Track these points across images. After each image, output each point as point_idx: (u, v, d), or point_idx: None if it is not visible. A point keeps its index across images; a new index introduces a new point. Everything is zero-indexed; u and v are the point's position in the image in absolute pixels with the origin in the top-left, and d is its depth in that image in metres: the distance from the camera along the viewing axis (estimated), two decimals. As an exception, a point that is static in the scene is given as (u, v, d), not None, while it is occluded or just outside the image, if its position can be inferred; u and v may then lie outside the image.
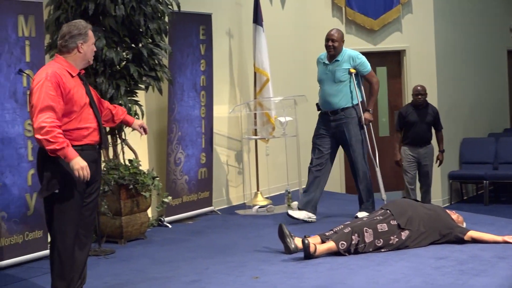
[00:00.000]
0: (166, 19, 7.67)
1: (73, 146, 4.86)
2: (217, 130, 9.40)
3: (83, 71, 5.17)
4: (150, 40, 7.44)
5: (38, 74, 4.96)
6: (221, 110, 9.52)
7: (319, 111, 8.20)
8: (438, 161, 10.45)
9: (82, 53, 5.06)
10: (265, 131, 9.52)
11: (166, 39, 7.83)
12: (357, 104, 7.96)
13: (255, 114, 9.49)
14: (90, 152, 5.03)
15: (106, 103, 5.50)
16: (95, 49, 5.21)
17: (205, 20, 8.70)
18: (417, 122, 10.02)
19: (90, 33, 5.12)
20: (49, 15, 7.19)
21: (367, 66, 8.09)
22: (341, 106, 7.92)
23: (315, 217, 8.03)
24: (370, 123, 8.11)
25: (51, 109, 4.76)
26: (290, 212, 7.98)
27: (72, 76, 4.99)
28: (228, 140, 9.81)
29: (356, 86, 7.96)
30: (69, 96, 4.89)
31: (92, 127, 5.04)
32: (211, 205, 8.95)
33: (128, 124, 5.73)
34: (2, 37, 6.26)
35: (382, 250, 6.37)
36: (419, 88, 10.10)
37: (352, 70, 7.95)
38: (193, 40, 8.50)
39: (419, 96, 10.02)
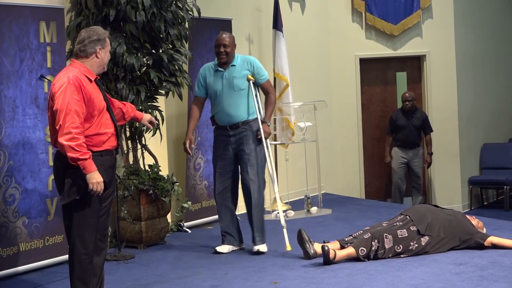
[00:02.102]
0: (187, 25, 7.70)
1: (93, 152, 4.90)
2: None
3: (98, 76, 5.20)
4: (171, 46, 7.48)
5: (58, 78, 4.98)
6: (240, 116, 9.51)
7: (214, 126, 7.11)
8: (427, 163, 11.33)
9: (99, 58, 5.09)
10: (284, 137, 9.52)
11: (186, 45, 7.86)
12: (257, 117, 6.90)
13: (274, 119, 9.49)
14: (109, 158, 5.07)
15: (116, 102, 5.50)
16: (109, 56, 5.24)
17: (225, 25, 8.72)
18: (406, 126, 11.07)
19: (108, 40, 5.16)
20: (70, 21, 7.24)
21: (265, 72, 7.06)
22: (243, 118, 6.87)
23: (243, 245, 7.12)
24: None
25: (76, 113, 4.80)
26: (217, 248, 6.99)
27: (90, 81, 5.02)
28: (248, 146, 9.80)
29: (254, 95, 6.91)
30: (90, 101, 4.92)
31: (110, 132, 5.07)
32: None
33: (138, 121, 5.74)
34: (24, 43, 6.32)
35: (402, 256, 6.36)
36: (407, 95, 11.16)
37: (250, 77, 6.89)
38: (213, 46, 8.50)
39: (407, 103, 11.07)
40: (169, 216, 7.76)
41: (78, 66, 5.04)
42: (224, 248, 6.97)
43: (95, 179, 4.82)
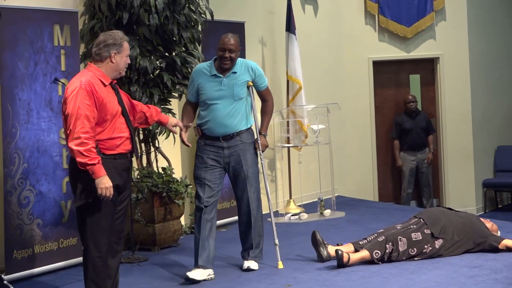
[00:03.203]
0: (199, 27, 7.72)
1: (106, 155, 4.92)
2: (250, 138, 9.41)
3: (115, 80, 5.19)
4: (184, 49, 7.49)
5: (71, 82, 5.00)
6: (254, 118, 9.53)
7: (200, 136, 6.36)
8: (429, 159, 11.42)
9: (114, 63, 5.07)
10: (297, 139, 9.52)
11: (199, 48, 7.88)
12: (250, 127, 6.41)
13: (287, 122, 9.50)
14: (123, 161, 5.06)
15: (140, 106, 5.48)
16: (129, 61, 5.20)
17: (238, 28, 8.73)
18: (413, 129, 11.24)
19: (126, 45, 5.13)
20: (84, 25, 7.27)
21: (265, 79, 6.50)
22: (238, 129, 6.25)
23: (213, 272, 6.21)
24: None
25: (86, 118, 4.80)
26: (190, 274, 6.06)
27: (105, 85, 5.02)
28: (261, 148, 9.81)
29: (252, 103, 6.41)
30: (102, 105, 4.91)
31: (124, 136, 5.06)
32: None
33: (163, 124, 5.71)
34: (38, 46, 6.35)
35: (416, 258, 6.35)
36: (410, 97, 11.36)
37: (251, 84, 6.34)
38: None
39: (411, 104, 11.28)
40: (182, 219, 7.78)
41: (93, 70, 5.05)
42: (199, 274, 6.07)
43: (104, 184, 4.81)
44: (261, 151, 6.41)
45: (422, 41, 11.74)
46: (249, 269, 6.34)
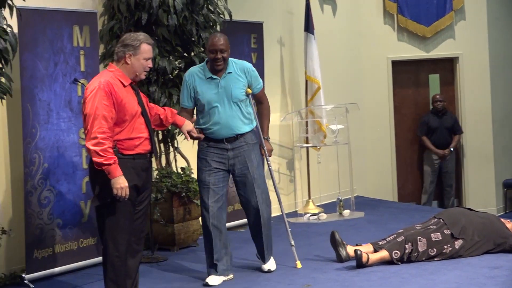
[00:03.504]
0: (218, 28, 7.72)
1: (124, 155, 4.93)
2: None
3: (134, 82, 5.19)
4: (202, 49, 7.49)
5: (91, 83, 5.03)
6: (272, 118, 9.43)
7: (200, 140, 6.13)
8: (444, 153, 11.29)
9: (129, 64, 5.07)
10: (316, 139, 9.51)
11: (218, 48, 7.88)
12: (254, 128, 6.25)
13: (306, 122, 9.49)
14: (142, 161, 5.08)
15: (154, 109, 5.48)
16: (149, 65, 5.17)
17: (256, 28, 8.74)
18: (438, 128, 11.22)
19: (144, 48, 5.11)
20: (103, 25, 7.30)
21: (260, 81, 6.31)
22: (242, 130, 6.11)
23: (232, 275, 6.21)
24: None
25: (104, 118, 4.82)
26: (208, 281, 6.03)
27: (124, 86, 5.03)
28: (280, 148, 9.82)
29: (252, 106, 6.24)
30: (121, 106, 4.93)
31: (143, 136, 5.07)
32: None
33: (178, 127, 5.72)
34: (57, 47, 6.39)
35: (436, 259, 6.32)
36: (437, 96, 11.32)
37: (249, 91, 6.14)
38: (245, 49, 8.54)
39: (438, 103, 11.24)
40: (201, 219, 7.77)
41: (114, 70, 5.07)
42: (215, 280, 6.05)
43: (119, 184, 4.83)
44: (267, 156, 6.28)
45: (442, 40, 11.69)
46: (269, 271, 6.29)
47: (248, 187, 6.15)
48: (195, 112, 6.25)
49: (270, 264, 6.35)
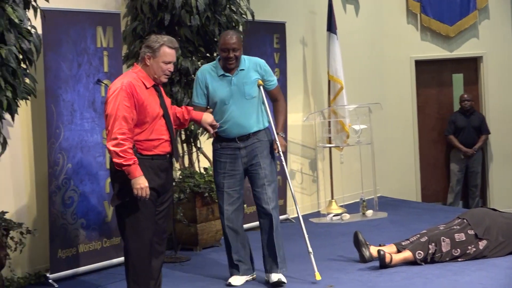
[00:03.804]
0: (240, 28, 7.73)
1: (143, 155, 4.95)
2: (291, 138, 9.41)
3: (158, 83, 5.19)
4: (225, 49, 7.51)
5: (114, 83, 5.06)
6: (295, 118, 9.54)
7: (214, 139, 6.09)
8: (468, 152, 11.22)
9: (148, 66, 5.07)
10: (339, 139, 9.49)
11: (241, 48, 7.88)
12: (267, 127, 6.07)
13: (329, 122, 9.47)
14: (160, 162, 5.08)
15: (173, 109, 5.45)
16: (169, 69, 5.13)
17: (279, 28, 8.73)
18: (465, 127, 11.18)
19: (164, 51, 5.07)
20: (126, 26, 7.33)
21: (274, 77, 6.16)
22: (254, 129, 5.94)
23: (255, 273, 6.18)
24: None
25: (124, 119, 4.85)
26: (231, 281, 6.04)
27: (147, 87, 5.04)
28: (302, 148, 9.81)
29: (264, 101, 6.04)
30: (142, 107, 4.94)
31: (163, 138, 5.08)
32: (285, 213, 8.97)
33: (197, 122, 5.65)
34: (81, 48, 6.42)
35: (459, 259, 6.29)
36: (465, 95, 11.29)
37: (261, 82, 5.96)
38: (267, 49, 8.54)
39: (466, 102, 11.20)
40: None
41: (137, 71, 5.09)
42: (238, 280, 6.04)
43: (139, 184, 4.85)
44: (281, 152, 5.98)
45: (465, 40, 11.63)
46: (280, 283, 5.89)
47: (258, 182, 5.94)
48: None
49: (282, 275, 5.95)
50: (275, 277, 5.90)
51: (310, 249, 5.93)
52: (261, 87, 5.98)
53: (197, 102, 5.96)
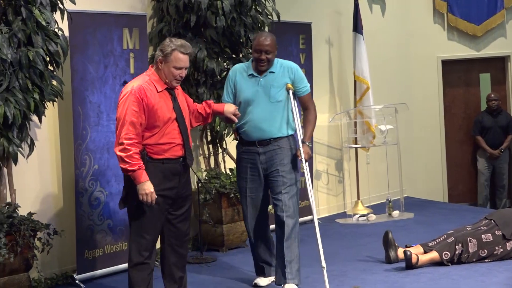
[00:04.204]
0: (266, 29, 7.74)
1: (153, 159, 4.92)
2: (317, 138, 9.40)
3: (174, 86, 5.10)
4: (250, 50, 7.51)
5: (126, 86, 5.05)
6: (321, 119, 9.45)
7: (238, 142, 5.99)
8: (493, 154, 11.12)
9: (160, 69, 5.01)
10: (365, 140, 9.47)
11: (266, 49, 7.89)
12: (293, 134, 5.83)
13: (355, 122, 9.45)
14: (171, 165, 5.03)
15: (195, 108, 5.42)
16: (182, 74, 5.02)
17: (304, 29, 8.73)
18: (492, 127, 11.07)
19: (176, 56, 4.96)
20: (152, 28, 7.38)
21: (307, 84, 5.89)
22: (276, 135, 5.73)
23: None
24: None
25: (132, 124, 4.82)
26: (257, 282, 6.03)
27: (158, 91, 4.98)
28: (328, 149, 9.79)
29: (293, 108, 5.76)
30: (153, 111, 4.90)
31: (175, 142, 5.02)
32: (311, 214, 8.94)
33: (220, 114, 5.55)
34: (107, 49, 6.46)
35: (486, 260, 6.25)
36: (492, 95, 11.14)
37: (290, 86, 5.74)
38: (293, 49, 8.54)
39: (493, 102, 11.05)
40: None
41: (151, 74, 5.06)
42: (264, 281, 6.03)
43: (144, 190, 4.83)
44: (304, 161, 5.64)
45: (493, 39, 11.55)
46: None
47: (276, 189, 5.74)
48: None
49: (292, 286, 5.69)
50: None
51: (324, 264, 5.53)
52: (291, 93, 5.73)
53: (226, 100, 5.85)
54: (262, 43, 5.69)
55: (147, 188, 4.83)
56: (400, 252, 6.36)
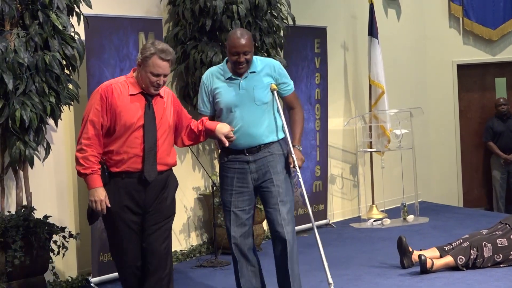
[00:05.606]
0: (281, 33, 7.75)
1: (113, 173, 4.60)
2: (332, 143, 9.40)
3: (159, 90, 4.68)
4: (266, 54, 7.53)
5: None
6: (336, 123, 9.53)
7: (221, 151, 5.31)
8: (507, 159, 10.98)
9: (139, 72, 4.63)
10: (380, 144, 9.46)
11: (281, 53, 7.91)
12: (283, 138, 5.27)
13: (370, 126, 9.45)
14: (131, 181, 4.61)
15: (189, 124, 4.95)
16: (159, 82, 4.57)
17: (320, 33, 8.74)
18: (504, 132, 10.99)
19: (154, 62, 4.53)
20: (168, 32, 7.41)
21: (291, 81, 5.33)
22: (266, 140, 5.15)
23: None
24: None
25: (91, 123, 4.54)
26: None
27: (131, 94, 4.61)
28: (343, 153, 9.79)
29: (279, 110, 5.24)
30: (115, 114, 4.56)
31: (132, 152, 4.58)
32: (326, 218, 8.97)
33: (211, 133, 4.91)
34: (123, 53, 6.50)
35: (501, 265, 6.23)
36: (501, 100, 11.12)
37: (274, 87, 5.17)
38: (308, 54, 8.55)
39: (502, 106, 11.01)
40: (264, 224, 7.81)
41: (130, 74, 4.73)
42: None
43: (93, 196, 4.51)
44: (297, 167, 5.15)
45: (509, 43, 11.50)
46: None
47: (271, 201, 5.19)
48: None
49: None
50: None
51: (330, 280, 5.12)
52: (276, 93, 5.20)
53: (202, 110, 5.24)
54: (238, 43, 5.02)
55: (97, 194, 4.50)
56: (415, 256, 6.35)
